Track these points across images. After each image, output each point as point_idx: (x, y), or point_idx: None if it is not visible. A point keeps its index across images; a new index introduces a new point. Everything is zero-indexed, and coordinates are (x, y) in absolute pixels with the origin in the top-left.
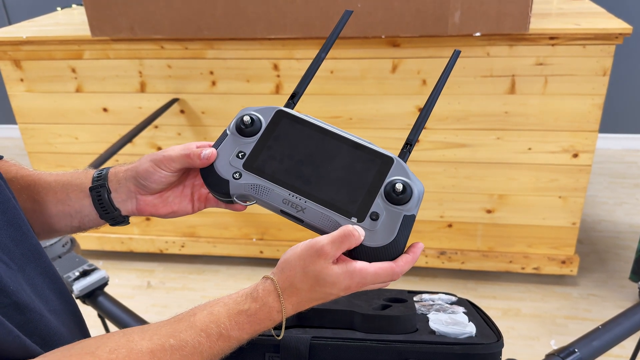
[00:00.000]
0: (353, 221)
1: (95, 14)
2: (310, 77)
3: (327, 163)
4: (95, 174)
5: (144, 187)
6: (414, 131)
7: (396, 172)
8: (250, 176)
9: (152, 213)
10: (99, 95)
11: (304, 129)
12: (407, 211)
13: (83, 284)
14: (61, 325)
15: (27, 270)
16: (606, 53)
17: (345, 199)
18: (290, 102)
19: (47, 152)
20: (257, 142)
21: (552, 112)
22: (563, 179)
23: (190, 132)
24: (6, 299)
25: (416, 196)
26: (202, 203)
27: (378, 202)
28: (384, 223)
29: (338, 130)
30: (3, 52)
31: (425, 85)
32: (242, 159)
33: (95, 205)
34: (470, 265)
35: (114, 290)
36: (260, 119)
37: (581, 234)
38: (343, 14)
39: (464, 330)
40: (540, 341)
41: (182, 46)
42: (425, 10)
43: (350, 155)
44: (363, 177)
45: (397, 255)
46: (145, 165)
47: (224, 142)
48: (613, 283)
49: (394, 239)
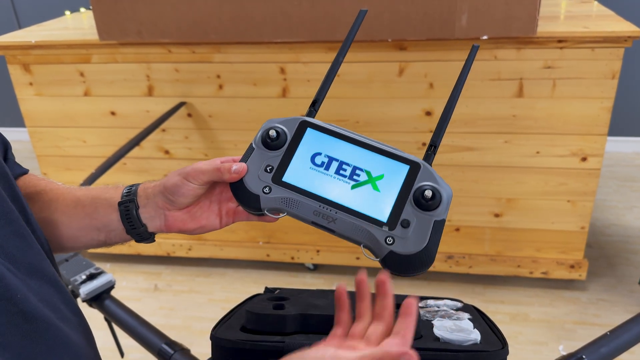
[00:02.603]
0: (385, 230)
1: (103, 19)
2: (329, 82)
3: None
4: (125, 189)
5: (172, 202)
6: (437, 132)
7: (424, 177)
8: (280, 190)
9: (180, 228)
10: (107, 99)
11: (329, 137)
12: (437, 216)
13: (89, 288)
14: (72, 333)
15: (33, 280)
16: (615, 56)
17: (376, 208)
18: (311, 109)
19: (56, 155)
20: (283, 155)
21: (561, 116)
22: (572, 183)
23: (198, 135)
24: (13, 307)
25: (445, 201)
26: (230, 217)
27: (408, 208)
28: (415, 230)
29: (363, 138)
30: (13, 56)
31: (432, 88)
32: (270, 172)
33: (123, 220)
34: (478, 269)
35: (121, 293)
36: (285, 131)
37: (590, 238)
38: (358, 14)
39: (469, 337)
40: (548, 346)
41: (190, 50)
42: (432, 14)
43: (378, 162)
44: (392, 185)
45: (430, 261)
46: (173, 180)
47: (251, 157)
48: (622, 288)
49: (426, 245)
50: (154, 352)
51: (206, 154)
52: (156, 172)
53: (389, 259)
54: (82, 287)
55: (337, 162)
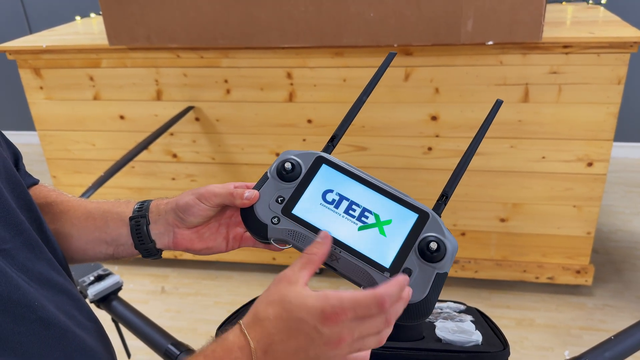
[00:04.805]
0: (386, 276)
1: (113, 24)
2: (350, 120)
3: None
4: (137, 204)
5: (182, 220)
6: (451, 183)
7: (431, 228)
8: (288, 222)
9: (187, 247)
10: (116, 103)
11: (343, 176)
12: (440, 269)
13: (97, 289)
14: (88, 338)
15: (45, 289)
16: (621, 61)
17: (380, 253)
18: (329, 144)
19: (65, 159)
20: (296, 188)
21: (566, 121)
22: (578, 188)
23: (205, 139)
24: (32, 314)
25: (450, 254)
26: (236, 242)
27: (412, 257)
28: (416, 280)
29: (376, 181)
30: (23, 61)
31: (437, 93)
32: (281, 203)
33: (132, 235)
34: (483, 274)
35: (128, 295)
36: (301, 165)
37: (597, 243)
38: (387, 57)
39: (470, 338)
40: (554, 352)
41: (198, 55)
42: (438, 19)
43: (387, 206)
44: (398, 231)
45: (428, 313)
46: (186, 199)
47: (265, 185)
48: (629, 294)
49: (425, 296)
50: (160, 353)
51: (213, 158)
52: (164, 176)
53: None
54: (90, 288)
55: (348, 202)
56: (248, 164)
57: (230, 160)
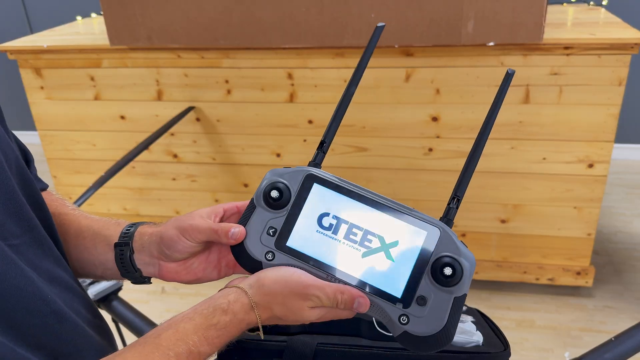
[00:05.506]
0: (399, 307)
1: (114, 24)
2: (339, 120)
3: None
4: (124, 229)
5: (167, 255)
6: (459, 183)
7: (444, 245)
8: (283, 257)
9: (174, 279)
10: (117, 103)
11: (338, 195)
12: (458, 292)
13: (98, 289)
14: (96, 335)
15: (52, 286)
16: (622, 63)
17: (389, 282)
18: (319, 152)
19: (66, 159)
20: (287, 215)
21: (567, 122)
22: (578, 190)
23: (206, 139)
24: (46, 307)
25: (467, 274)
26: (229, 269)
27: (425, 283)
28: (432, 308)
29: (375, 196)
30: (24, 61)
31: (438, 94)
32: (273, 236)
33: (117, 263)
34: (484, 275)
35: (128, 295)
36: (289, 188)
37: (597, 245)
38: (375, 30)
39: (471, 339)
40: (554, 353)
41: (198, 55)
42: (439, 20)
43: (391, 225)
44: (407, 253)
45: (448, 341)
46: (170, 233)
47: (252, 217)
48: (629, 295)
49: (445, 325)
50: None
51: (214, 158)
52: (164, 176)
53: (403, 339)
54: (90, 288)
55: (347, 225)
56: (249, 164)
57: (231, 161)
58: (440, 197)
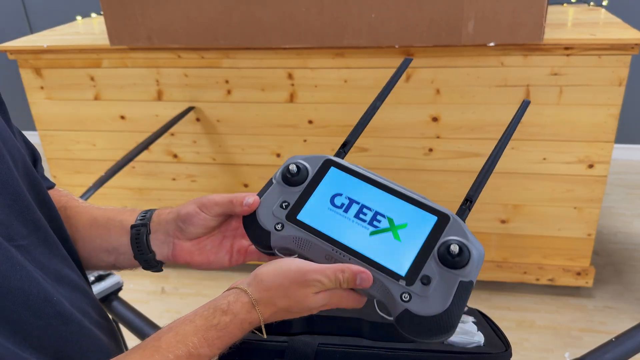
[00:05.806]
0: (402, 284)
1: (114, 24)
2: (364, 126)
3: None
4: (141, 213)
5: (183, 231)
6: (475, 187)
7: (452, 231)
8: (292, 228)
9: (186, 260)
10: (117, 103)
11: (353, 179)
12: (464, 277)
13: (98, 289)
14: (102, 336)
15: (60, 286)
16: (622, 63)
17: (394, 259)
18: (341, 150)
19: (66, 159)
20: (302, 192)
21: (567, 122)
22: (578, 190)
23: (206, 139)
24: (51, 309)
25: (475, 260)
26: (241, 256)
27: (431, 264)
28: (436, 289)
29: (389, 183)
30: (24, 61)
31: (439, 94)
32: (285, 209)
33: (132, 244)
34: (484, 275)
35: (128, 296)
36: (307, 168)
37: (597, 245)
38: (402, 62)
39: (472, 339)
40: (554, 353)
41: (199, 55)
42: (439, 20)
43: (402, 209)
44: (415, 235)
45: (451, 328)
46: (188, 208)
47: (268, 191)
48: (629, 295)
49: (448, 307)
50: None
51: (214, 158)
52: (164, 176)
53: (403, 319)
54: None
55: (358, 205)
56: (249, 164)
57: (231, 161)
58: (440, 197)
